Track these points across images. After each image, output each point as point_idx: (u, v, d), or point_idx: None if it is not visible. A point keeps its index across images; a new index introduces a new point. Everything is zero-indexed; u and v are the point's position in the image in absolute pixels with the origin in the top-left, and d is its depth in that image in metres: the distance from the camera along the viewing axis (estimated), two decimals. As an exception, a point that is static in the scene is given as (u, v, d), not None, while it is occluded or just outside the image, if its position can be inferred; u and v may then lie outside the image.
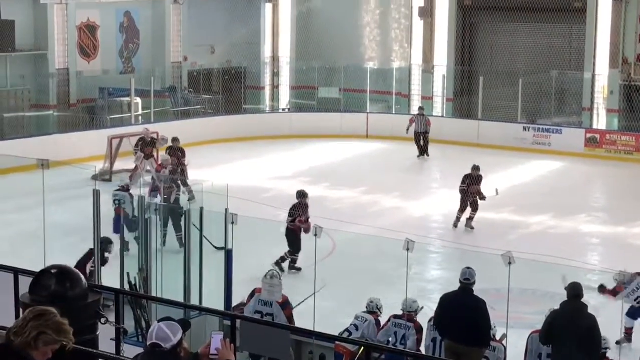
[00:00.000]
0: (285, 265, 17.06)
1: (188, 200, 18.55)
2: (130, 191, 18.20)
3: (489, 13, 34.31)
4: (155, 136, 24.82)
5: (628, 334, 13.52)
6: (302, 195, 17.79)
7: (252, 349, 9.95)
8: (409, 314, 11.41)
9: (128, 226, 16.28)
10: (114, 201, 17.73)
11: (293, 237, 17.07)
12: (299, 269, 16.99)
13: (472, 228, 20.38)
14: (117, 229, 16.31)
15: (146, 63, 33.36)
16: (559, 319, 10.58)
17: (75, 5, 30.40)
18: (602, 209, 23.12)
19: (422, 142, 28.93)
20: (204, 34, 34.25)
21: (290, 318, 11.59)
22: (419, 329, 11.24)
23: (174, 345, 5.70)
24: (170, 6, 33.42)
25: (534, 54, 33.31)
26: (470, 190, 20.44)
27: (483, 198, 20.53)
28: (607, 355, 10.67)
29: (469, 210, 20.53)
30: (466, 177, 20.78)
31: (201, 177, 23.55)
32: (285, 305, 11.65)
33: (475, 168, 20.96)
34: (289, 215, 17.33)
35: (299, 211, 17.34)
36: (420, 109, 30.48)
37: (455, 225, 20.50)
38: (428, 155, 28.97)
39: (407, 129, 29.18)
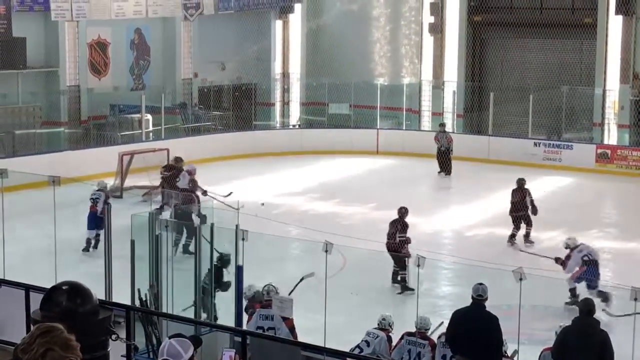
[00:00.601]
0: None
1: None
2: (108, 192, 19.54)
3: (499, 29, 34.35)
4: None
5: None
6: (403, 211, 17.99)
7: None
8: (423, 332, 11.37)
9: (96, 223, 18.43)
10: (90, 199, 19.17)
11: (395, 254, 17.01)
12: (412, 290, 16.30)
13: (532, 242, 20.44)
14: (91, 226, 18.90)
15: (156, 80, 33.46)
16: (570, 334, 10.55)
17: (86, 23, 30.52)
18: (614, 224, 23.04)
19: (443, 159, 28.69)
20: (214, 50, 34.36)
21: (292, 329, 11.58)
22: (433, 346, 11.20)
23: (185, 361, 5.69)
24: (180, 23, 33.51)
25: (544, 70, 33.32)
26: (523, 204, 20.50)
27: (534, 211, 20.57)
28: None
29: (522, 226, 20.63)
30: (515, 191, 20.84)
31: (212, 193, 23.62)
32: (286, 317, 11.64)
33: (521, 181, 20.99)
34: (389, 230, 17.50)
35: (397, 227, 17.40)
36: (441, 125, 30.19)
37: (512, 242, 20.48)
38: (449, 174, 28.61)
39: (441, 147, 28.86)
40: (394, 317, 11.87)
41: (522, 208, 20.60)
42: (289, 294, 12.43)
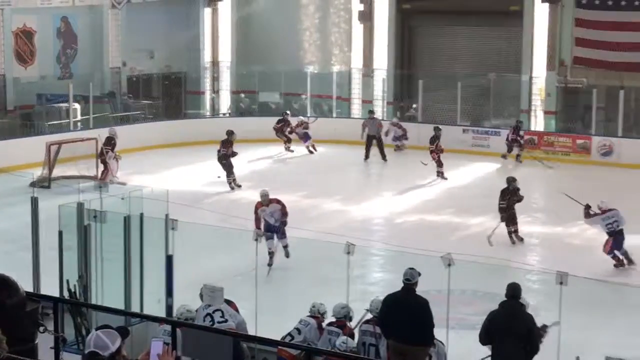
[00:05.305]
0: None
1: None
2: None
3: (428, 17, 34.58)
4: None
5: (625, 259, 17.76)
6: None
7: (193, 354, 9.90)
8: (340, 320, 11.43)
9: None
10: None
11: None
12: None
13: (522, 239, 19.76)
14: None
15: (84, 68, 33.06)
16: (497, 319, 10.72)
17: (11, 11, 30.03)
18: (541, 209, 23.37)
19: (372, 146, 29.04)
20: (142, 39, 34.05)
21: (237, 311, 11.60)
22: (349, 335, 11.23)
23: (113, 353, 5.67)
24: (108, 11, 33.16)
25: (472, 57, 33.65)
26: (510, 204, 19.62)
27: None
28: None
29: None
30: (504, 191, 19.84)
31: (141, 182, 23.45)
32: (230, 301, 11.63)
33: (512, 180, 20.21)
34: None
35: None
36: (371, 112, 30.69)
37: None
38: (386, 160, 28.98)
39: (362, 135, 29.26)
40: (327, 305, 11.90)
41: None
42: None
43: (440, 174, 26.18)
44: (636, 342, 13.32)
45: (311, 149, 30.19)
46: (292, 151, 30.24)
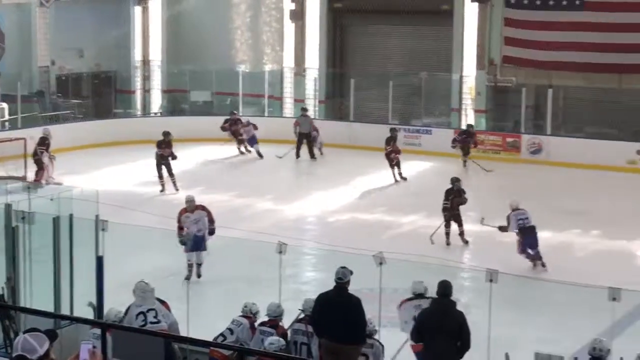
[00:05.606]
0: None
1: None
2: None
3: (359, 16, 34.73)
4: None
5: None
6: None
7: (124, 356, 9.80)
8: (273, 320, 11.42)
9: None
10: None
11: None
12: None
13: (467, 242, 19.82)
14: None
15: (12, 67, 32.58)
16: (428, 316, 10.81)
17: (-64, 8, 29.52)
18: (472, 208, 23.50)
19: (303, 144, 29.17)
20: (71, 37, 33.66)
21: (169, 311, 11.54)
22: (282, 335, 11.22)
23: (41, 356, 5.62)
24: (36, 9, 32.72)
25: (403, 56, 33.88)
26: (453, 204, 19.69)
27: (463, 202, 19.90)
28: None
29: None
30: (448, 192, 19.92)
31: (71, 182, 23.20)
32: (163, 301, 11.56)
33: (456, 180, 20.16)
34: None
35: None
36: (303, 109, 30.78)
37: (448, 243, 19.58)
38: (315, 158, 29.18)
39: (295, 132, 29.35)
40: (259, 304, 11.88)
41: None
42: None
43: (399, 175, 26.10)
44: (561, 337, 13.53)
45: (261, 152, 29.46)
46: (245, 152, 29.96)
